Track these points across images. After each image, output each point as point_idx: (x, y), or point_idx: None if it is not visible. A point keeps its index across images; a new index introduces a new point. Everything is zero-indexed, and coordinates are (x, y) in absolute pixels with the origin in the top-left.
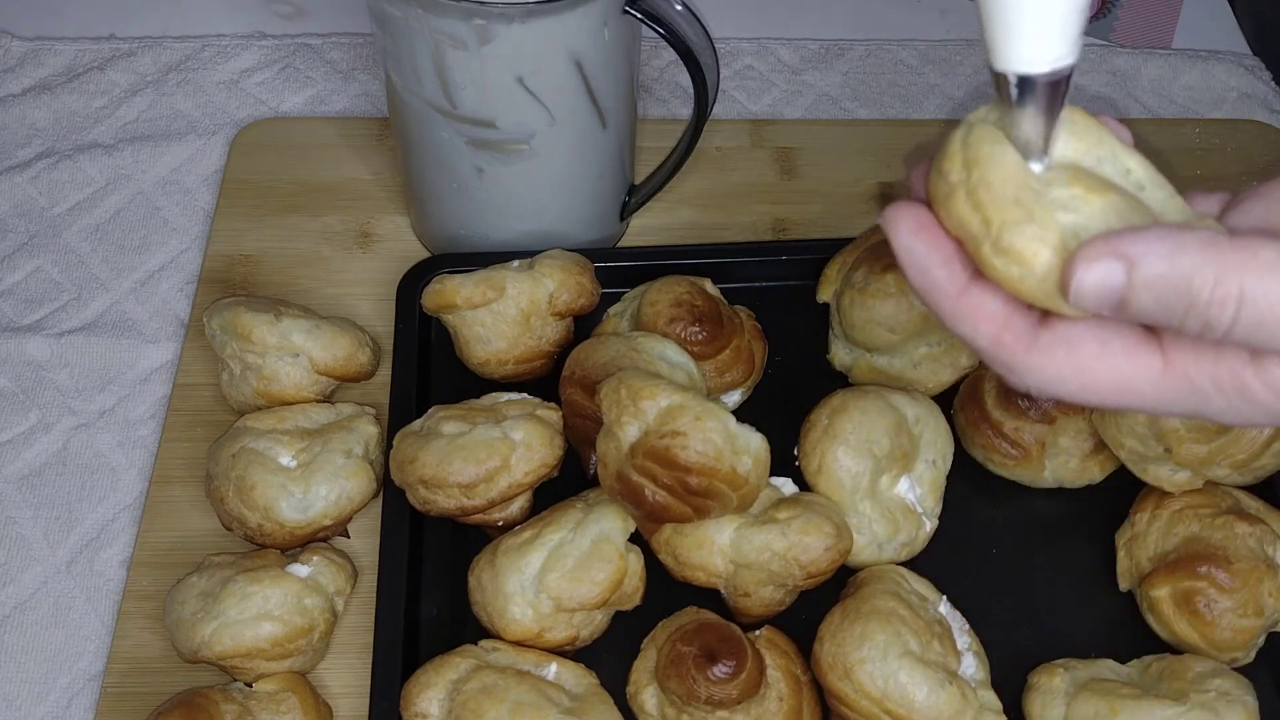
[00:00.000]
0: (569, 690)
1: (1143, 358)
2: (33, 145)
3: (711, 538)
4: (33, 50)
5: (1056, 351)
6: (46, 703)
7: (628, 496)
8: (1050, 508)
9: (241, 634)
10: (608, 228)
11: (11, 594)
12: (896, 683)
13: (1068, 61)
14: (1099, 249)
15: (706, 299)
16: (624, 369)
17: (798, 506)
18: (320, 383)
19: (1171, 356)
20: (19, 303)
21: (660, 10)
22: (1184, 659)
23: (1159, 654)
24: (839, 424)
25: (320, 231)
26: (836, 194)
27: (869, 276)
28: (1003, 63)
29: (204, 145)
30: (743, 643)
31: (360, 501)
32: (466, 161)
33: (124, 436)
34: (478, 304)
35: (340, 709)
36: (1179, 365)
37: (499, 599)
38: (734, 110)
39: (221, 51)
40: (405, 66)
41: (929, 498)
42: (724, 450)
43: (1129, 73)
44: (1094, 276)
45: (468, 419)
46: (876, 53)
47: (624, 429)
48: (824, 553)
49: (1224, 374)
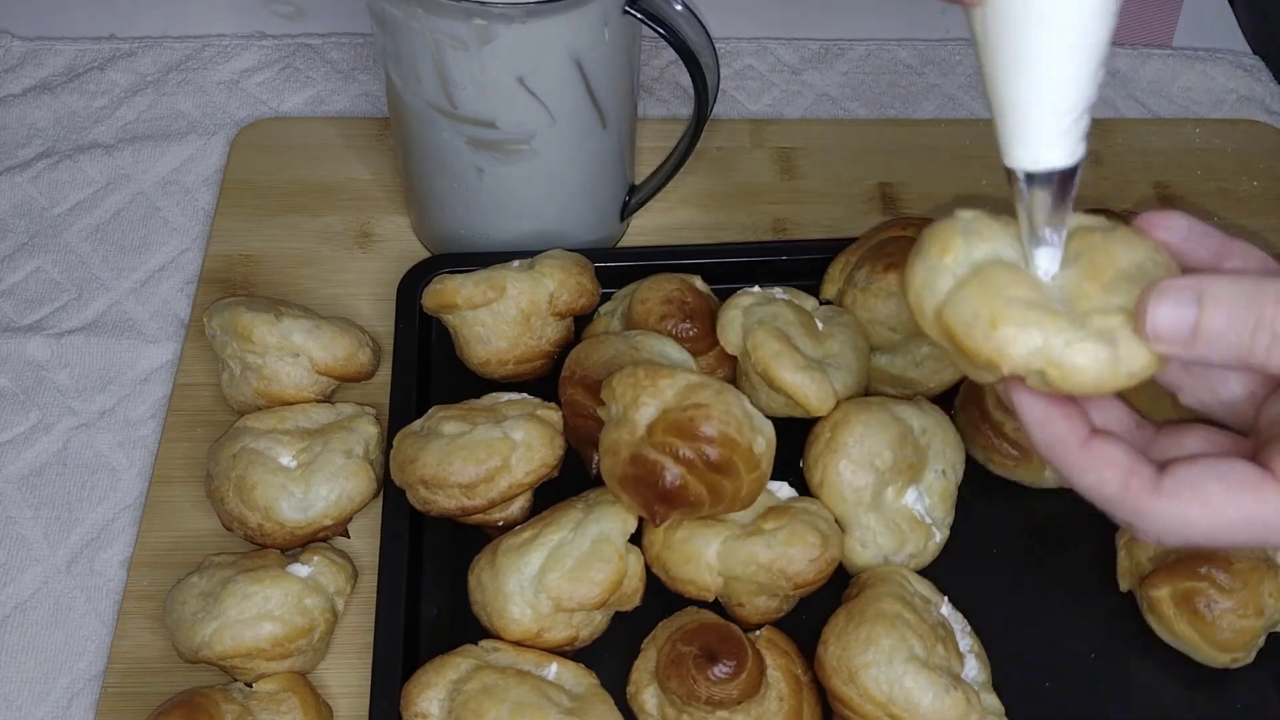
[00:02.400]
0: (569, 690)
1: (1264, 489)
2: (33, 145)
3: (700, 551)
4: (33, 50)
5: (1182, 494)
6: (47, 703)
7: (642, 479)
8: (1050, 508)
9: (242, 634)
10: (608, 228)
11: (11, 594)
12: (902, 688)
13: (1071, 162)
14: (1170, 284)
15: (697, 295)
16: (628, 364)
17: (785, 516)
18: (320, 383)
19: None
20: (19, 303)
21: (660, 10)
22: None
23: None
24: (841, 437)
25: (320, 231)
26: (836, 194)
27: (871, 276)
28: (1012, 161)
29: (204, 145)
30: (743, 643)
31: (360, 501)
32: (467, 161)
33: (124, 436)
34: (478, 304)
35: (340, 709)
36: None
37: (499, 599)
38: (734, 110)
39: (222, 51)
40: (405, 66)
41: (939, 508)
42: (744, 424)
43: (1129, 73)
44: (1167, 307)
45: (468, 419)
46: (876, 53)
47: (640, 410)
48: (809, 564)
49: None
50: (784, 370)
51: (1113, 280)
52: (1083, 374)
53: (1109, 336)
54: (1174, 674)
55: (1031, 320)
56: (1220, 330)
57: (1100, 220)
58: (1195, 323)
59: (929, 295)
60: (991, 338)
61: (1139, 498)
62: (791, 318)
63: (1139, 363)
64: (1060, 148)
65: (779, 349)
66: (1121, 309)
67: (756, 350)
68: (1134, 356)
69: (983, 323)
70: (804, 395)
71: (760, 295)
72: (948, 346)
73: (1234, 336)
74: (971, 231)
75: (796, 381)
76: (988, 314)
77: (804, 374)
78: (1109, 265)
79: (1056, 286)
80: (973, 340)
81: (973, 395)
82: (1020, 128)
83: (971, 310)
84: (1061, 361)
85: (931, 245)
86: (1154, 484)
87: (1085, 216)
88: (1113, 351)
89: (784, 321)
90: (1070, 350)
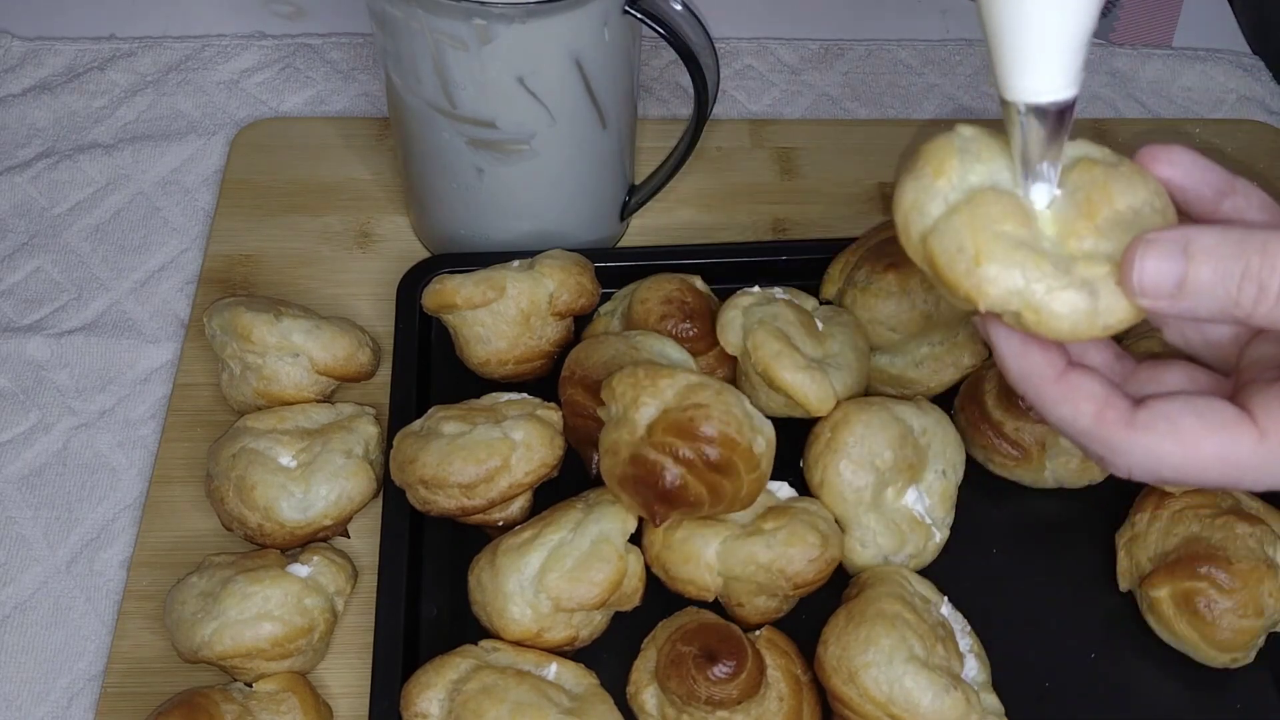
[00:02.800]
0: (569, 690)
1: (1240, 429)
2: (33, 145)
3: (699, 552)
4: (33, 50)
5: (1157, 426)
6: (46, 703)
7: (642, 479)
8: (1050, 508)
9: (241, 634)
10: (608, 228)
11: (11, 594)
12: (902, 688)
13: (1070, 93)
14: (1157, 236)
15: (696, 295)
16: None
17: (784, 516)
18: (320, 383)
19: (1265, 425)
20: (19, 303)
21: (660, 10)
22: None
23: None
24: (841, 437)
25: (320, 231)
26: (836, 194)
27: (871, 276)
28: (1011, 93)
29: (204, 145)
30: (743, 643)
31: (360, 501)
32: (467, 161)
33: (124, 436)
34: (478, 304)
35: (340, 709)
36: (1274, 434)
37: (499, 599)
38: (734, 110)
39: (221, 51)
40: (405, 66)
41: (939, 508)
42: (744, 424)
43: (1129, 73)
44: (1154, 260)
45: (468, 419)
46: (876, 53)
47: (641, 410)
48: (808, 564)
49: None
50: (784, 370)
51: (1106, 222)
52: (1059, 321)
53: (1091, 287)
54: (1174, 674)
55: (1015, 261)
56: (1207, 284)
57: (1106, 153)
58: (1182, 276)
59: (916, 218)
60: (973, 274)
61: (1113, 430)
62: (791, 318)
63: (1117, 316)
64: (1061, 79)
65: (779, 349)
66: (1109, 259)
67: (756, 350)
68: (1113, 309)
69: (967, 257)
70: (804, 395)
71: (760, 295)
72: (929, 273)
73: (1220, 290)
74: (969, 152)
75: (796, 381)
76: (973, 248)
77: (804, 374)
78: (1105, 205)
79: (1048, 218)
80: (954, 273)
81: (973, 395)
82: (1020, 58)
83: (957, 242)
84: (1040, 307)
85: (926, 164)
86: (1129, 417)
87: (1092, 147)
88: (1092, 303)
89: (784, 321)
90: (1049, 298)
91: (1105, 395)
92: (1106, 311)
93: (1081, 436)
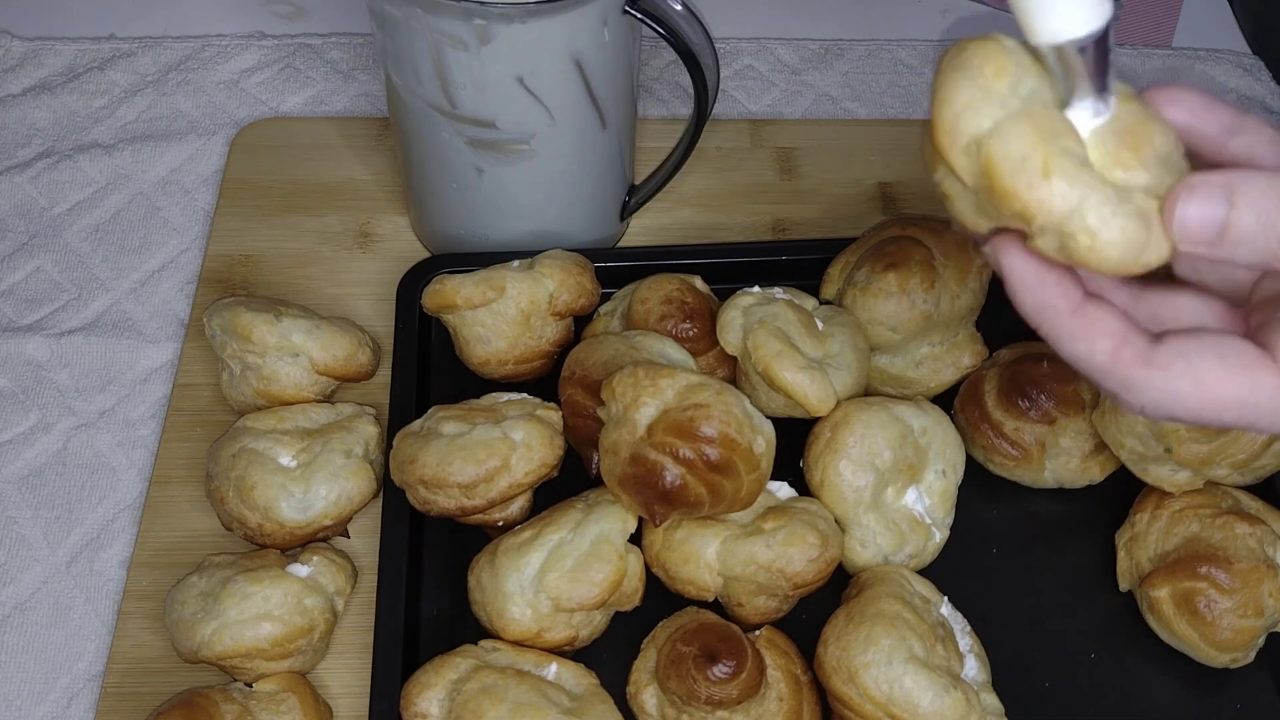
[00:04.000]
0: (569, 690)
1: (1260, 371)
2: (33, 145)
3: (699, 552)
4: (33, 50)
5: (1175, 365)
6: (46, 703)
7: (642, 479)
8: (1050, 508)
9: (241, 634)
10: (608, 228)
11: (11, 594)
12: (901, 688)
13: (1101, 24)
14: (1201, 179)
15: (696, 295)
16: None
17: (784, 516)
18: (320, 383)
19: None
20: (19, 303)
21: (660, 10)
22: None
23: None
24: (841, 437)
25: (320, 231)
26: (836, 194)
27: (871, 276)
28: (1038, 36)
29: (204, 145)
30: (743, 643)
31: (360, 501)
32: (466, 161)
33: (124, 436)
34: (478, 304)
35: (340, 709)
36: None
37: (498, 599)
38: (734, 110)
39: (221, 51)
40: (405, 66)
41: (939, 508)
42: (744, 424)
43: (1129, 73)
44: (1197, 204)
45: (468, 419)
46: (876, 53)
47: (641, 410)
48: (808, 564)
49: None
50: (784, 370)
51: (1149, 158)
52: (1111, 250)
53: (1146, 219)
54: (1174, 674)
55: (1083, 180)
56: (1249, 230)
57: (1132, 90)
58: (1224, 222)
59: (970, 119)
60: (1038, 186)
61: (1130, 367)
62: (791, 318)
63: (1159, 253)
64: (1086, 10)
65: (779, 349)
66: (1157, 194)
67: (756, 350)
68: (1159, 246)
69: (1033, 168)
70: (804, 395)
71: (760, 295)
72: (970, 180)
73: (1261, 239)
74: (1019, 61)
75: (796, 381)
76: (1041, 160)
77: (804, 374)
78: (1147, 141)
79: (1090, 144)
80: (1015, 182)
81: (973, 395)
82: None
83: (1022, 151)
84: (1096, 232)
85: (985, 64)
86: (1146, 354)
87: (1120, 83)
88: (1145, 236)
89: (784, 321)
90: (1109, 224)
91: (1122, 331)
92: (1155, 247)
93: (1096, 373)
